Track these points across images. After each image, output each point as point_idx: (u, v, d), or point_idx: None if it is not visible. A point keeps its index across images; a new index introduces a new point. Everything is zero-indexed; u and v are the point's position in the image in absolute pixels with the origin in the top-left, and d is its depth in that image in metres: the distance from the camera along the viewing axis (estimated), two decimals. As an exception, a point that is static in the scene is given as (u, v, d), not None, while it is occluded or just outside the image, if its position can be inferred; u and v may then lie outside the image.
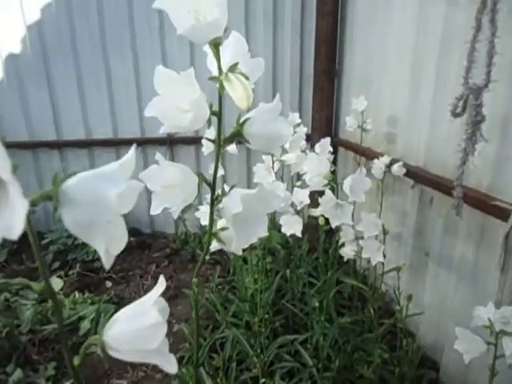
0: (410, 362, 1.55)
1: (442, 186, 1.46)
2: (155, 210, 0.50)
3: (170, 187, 0.48)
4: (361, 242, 1.25)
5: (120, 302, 2.17)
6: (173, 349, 1.32)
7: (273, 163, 1.25)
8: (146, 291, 1.86)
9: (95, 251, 1.93)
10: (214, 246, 1.41)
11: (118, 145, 2.81)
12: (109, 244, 0.32)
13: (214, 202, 0.52)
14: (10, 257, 2.54)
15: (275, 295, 1.91)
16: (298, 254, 2.06)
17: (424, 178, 1.61)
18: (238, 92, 0.42)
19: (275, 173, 1.38)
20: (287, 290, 1.94)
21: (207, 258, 2.66)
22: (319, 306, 1.79)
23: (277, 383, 1.39)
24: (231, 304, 1.84)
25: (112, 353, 0.35)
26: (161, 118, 0.44)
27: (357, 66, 2.34)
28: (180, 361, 1.67)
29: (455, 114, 0.99)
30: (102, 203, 0.30)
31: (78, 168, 0.39)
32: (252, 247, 2.00)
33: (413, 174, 1.68)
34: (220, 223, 0.60)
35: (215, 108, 0.47)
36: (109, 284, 2.37)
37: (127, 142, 2.74)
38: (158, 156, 0.49)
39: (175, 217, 0.51)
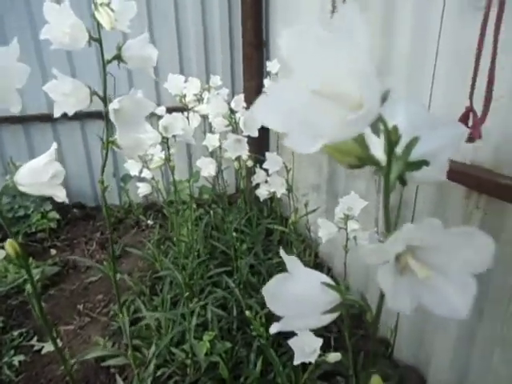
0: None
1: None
2: (57, 113, 0.66)
3: (66, 96, 0.64)
4: (268, 178, 1.47)
5: (65, 266, 2.29)
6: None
7: (188, 113, 1.43)
8: (92, 256, 2.05)
9: (38, 223, 2.08)
10: (142, 191, 1.57)
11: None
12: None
13: (108, 112, 0.70)
14: None
15: (211, 246, 2.13)
16: (233, 208, 2.28)
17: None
18: (104, 18, 0.60)
19: (198, 126, 1.57)
20: (222, 240, 2.15)
21: (150, 222, 2.82)
22: (248, 249, 2.03)
23: (209, 309, 1.60)
24: (168, 254, 2.03)
25: (21, 188, 0.52)
26: (52, 39, 0.61)
27: (278, 35, 2.54)
28: (123, 303, 1.84)
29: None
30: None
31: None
32: (186, 203, 2.19)
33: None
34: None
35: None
36: (53, 252, 2.46)
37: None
38: (55, 71, 0.65)
39: (71, 112, 0.67)
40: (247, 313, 1.04)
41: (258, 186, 1.62)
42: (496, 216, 1.01)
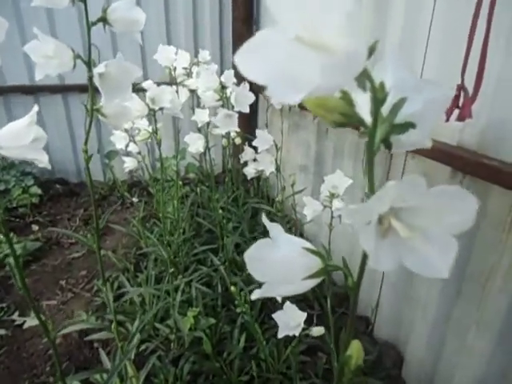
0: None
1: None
2: (39, 76, 0.63)
3: (48, 58, 0.61)
4: (257, 156, 1.46)
5: (48, 242, 2.25)
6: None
7: (177, 88, 1.40)
8: (75, 232, 2.01)
9: (19, 198, 2.03)
10: (128, 165, 1.54)
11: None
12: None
13: (92, 77, 0.67)
14: None
15: (197, 224, 2.12)
16: (219, 187, 2.27)
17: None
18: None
19: (185, 102, 1.54)
20: (208, 218, 2.15)
21: (136, 200, 2.79)
22: (234, 228, 2.03)
23: (193, 286, 1.60)
24: (153, 231, 2.02)
25: (1, 151, 0.50)
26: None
27: (270, 12, 2.48)
28: (107, 279, 1.83)
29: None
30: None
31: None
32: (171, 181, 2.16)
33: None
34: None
35: None
36: (35, 228, 2.41)
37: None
38: (36, 30, 0.62)
39: (54, 74, 0.64)
40: (232, 288, 1.05)
41: (245, 164, 1.61)
42: (479, 197, 1.02)
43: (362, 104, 0.32)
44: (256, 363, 1.35)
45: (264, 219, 0.42)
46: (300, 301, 1.66)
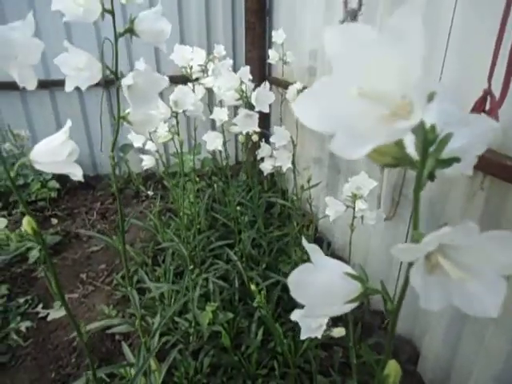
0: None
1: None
2: (68, 88, 0.65)
3: (78, 70, 0.63)
4: (274, 152, 1.46)
5: (66, 236, 2.31)
6: (120, 267, 1.51)
7: (193, 85, 1.40)
8: (93, 225, 2.06)
9: (37, 192, 2.08)
10: (146, 163, 1.57)
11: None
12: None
13: (119, 87, 0.68)
14: None
15: (212, 218, 2.15)
16: (234, 181, 2.28)
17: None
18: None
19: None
20: (223, 213, 2.17)
21: (151, 193, 2.83)
22: (249, 222, 2.05)
23: (210, 280, 1.63)
24: (170, 226, 2.05)
25: (37, 166, 0.52)
26: (64, 11, 0.59)
27: (284, 3, 2.46)
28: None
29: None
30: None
31: None
32: (187, 175, 2.19)
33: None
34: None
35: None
36: (54, 221, 2.47)
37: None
38: (67, 44, 0.63)
39: (84, 87, 0.65)
40: (252, 287, 1.07)
41: (261, 160, 1.61)
42: (499, 198, 1.02)
43: (407, 141, 0.33)
44: (273, 357, 1.39)
45: (304, 243, 0.43)
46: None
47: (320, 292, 0.40)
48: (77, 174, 0.55)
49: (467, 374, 1.18)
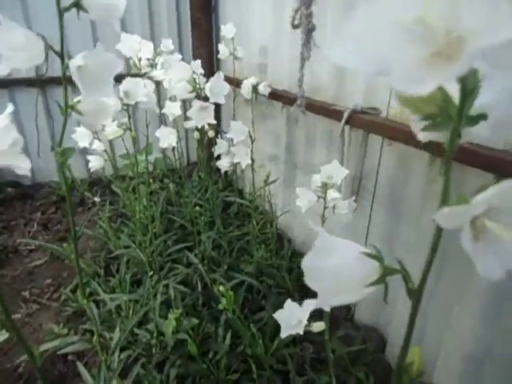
0: (285, 256, 1.85)
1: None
2: (3, 70, 0.55)
3: (15, 50, 0.53)
4: (232, 148, 1.41)
5: (3, 251, 2.08)
6: (68, 280, 1.39)
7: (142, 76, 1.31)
8: (34, 238, 1.85)
9: None
10: (94, 164, 1.44)
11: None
12: None
13: (65, 70, 0.60)
14: None
15: (168, 221, 2.05)
16: (187, 181, 2.19)
17: (288, 98, 1.81)
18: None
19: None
20: (179, 215, 2.08)
21: (98, 200, 2.64)
22: (207, 223, 1.98)
23: (171, 286, 1.54)
24: (123, 232, 1.92)
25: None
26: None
27: (230, -1, 2.41)
28: (77, 286, 1.73)
29: (294, 26, 1.17)
30: None
31: None
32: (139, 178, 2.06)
33: (279, 96, 1.88)
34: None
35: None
36: (-13, 236, 2.22)
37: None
38: (0, 17, 0.53)
39: (23, 67, 0.56)
40: (220, 288, 1.01)
41: (218, 157, 1.55)
42: (458, 181, 1.05)
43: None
44: (244, 360, 1.33)
45: (311, 224, 0.38)
46: (280, 294, 1.66)
47: (336, 276, 0.36)
48: (23, 168, 0.46)
49: (435, 355, 1.21)
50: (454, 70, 0.22)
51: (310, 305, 0.36)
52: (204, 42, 2.70)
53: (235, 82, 2.10)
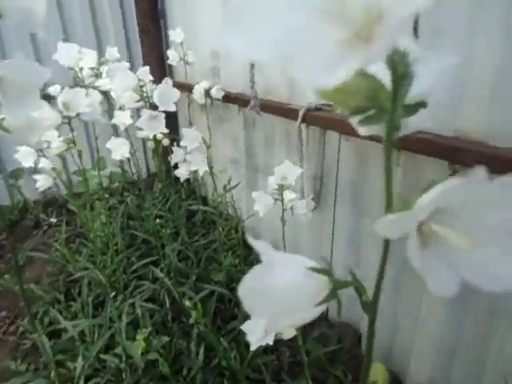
0: (254, 261, 1.81)
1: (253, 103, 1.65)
2: None
3: None
4: (188, 156, 1.36)
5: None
6: (26, 311, 1.26)
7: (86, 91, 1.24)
8: None
9: None
10: (41, 184, 1.35)
11: None
12: None
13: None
14: None
15: (130, 236, 1.96)
16: (148, 193, 2.11)
17: (243, 100, 1.78)
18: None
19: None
20: (141, 228, 1.99)
21: (54, 220, 2.50)
22: (172, 234, 1.91)
23: (137, 305, 1.46)
24: (82, 253, 1.82)
25: None
26: None
27: (177, 3, 2.36)
28: (35, 316, 1.61)
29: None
30: None
31: None
32: (95, 194, 1.97)
33: (234, 99, 1.85)
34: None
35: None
36: None
37: None
38: None
39: None
40: (187, 303, 0.96)
41: (176, 166, 1.50)
42: (416, 171, 1.06)
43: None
44: (219, 374, 1.29)
45: (249, 239, 0.34)
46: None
47: (281, 299, 0.32)
48: None
49: (409, 347, 1.21)
50: (370, 51, 0.20)
51: (258, 329, 0.32)
52: (153, 48, 2.62)
53: (188, 88, 2.05)
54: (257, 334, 0.62)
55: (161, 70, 2.65)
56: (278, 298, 0.32)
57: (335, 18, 0.20)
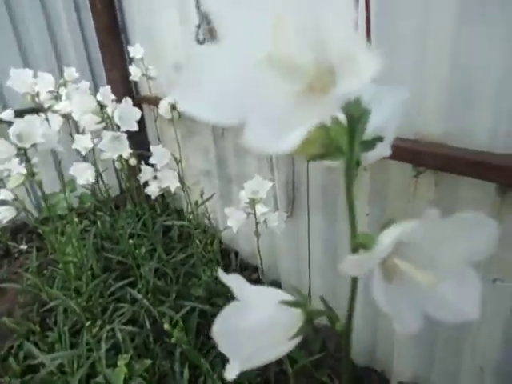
0: (234, 271, 1.80)
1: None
2: None
3: None
4: (158, 174, 1.34)
5: None
6: None
7: (46, 115, 1.20)
8: None
9: None
10: (3, 216, 1.30)
11: None
12: None
13: None
14: None
15: (105, 259, 1.91)
16: (121, 212, 2.07)
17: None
18: None
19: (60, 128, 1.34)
20: (116, 250, 1.95)
21: (24, 247, 2.42)
22: (148, 252, 1.88)
23: (117, 329, 1.43)
24: (56, 280, 1.76)
25: None
26: None
27: (137, 17, 2.33)
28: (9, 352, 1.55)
29: (199, 41, 1.14)
30: None
31: None
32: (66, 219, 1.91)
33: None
34: None
35: None
36: None
37: None
38: None
39: None
40: (165, 326, 0.95)
41: (146, 184, 1.48)
42: (382, 173, 1.08)
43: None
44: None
45: (221, 274, 0.34)
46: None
47: (255, 336, 0.32)
48: None
49: (390, 346, 1.23)
50: (326, 102, 0.20)
51: (232, 371, 0.31)
52: (116, 64, 2.58)
53: (154, 101, 2.02)
54: (234, 371, 0.61)
55: (125, 85, 2.61)
56: (252, 336, 0.31)
57: (287, 71, 0.20)
